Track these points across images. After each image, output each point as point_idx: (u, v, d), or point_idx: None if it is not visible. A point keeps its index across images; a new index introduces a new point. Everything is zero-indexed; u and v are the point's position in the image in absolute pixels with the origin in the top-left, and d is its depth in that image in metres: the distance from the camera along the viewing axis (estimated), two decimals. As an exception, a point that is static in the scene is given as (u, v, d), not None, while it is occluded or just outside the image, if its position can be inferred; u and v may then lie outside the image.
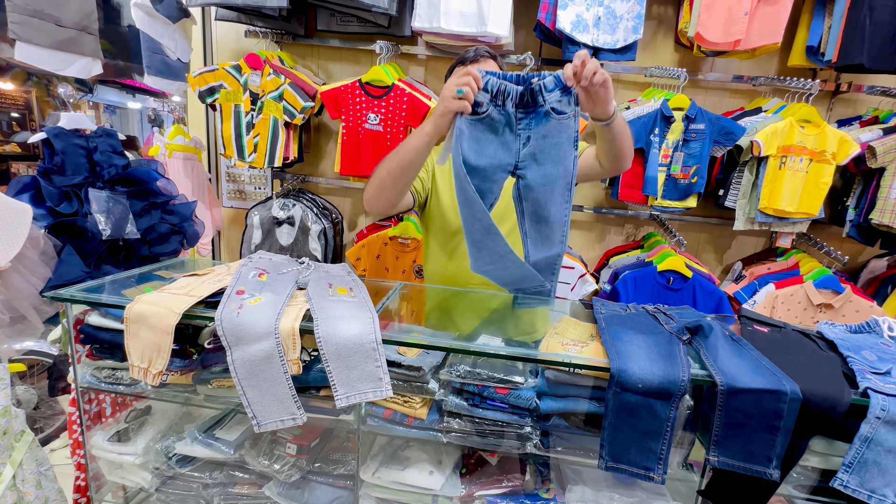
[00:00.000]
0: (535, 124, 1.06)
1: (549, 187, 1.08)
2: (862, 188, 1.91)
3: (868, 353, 0.98)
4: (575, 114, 1.05)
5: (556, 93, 1.03)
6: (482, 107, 1.03)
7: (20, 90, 4.14)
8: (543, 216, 1.11)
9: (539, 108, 1.04)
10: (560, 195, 1.10)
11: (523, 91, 1.03)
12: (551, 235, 1.14)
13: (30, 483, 1.21)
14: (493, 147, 1.07)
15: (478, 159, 1.06)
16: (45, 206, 1.34)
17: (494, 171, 1.09)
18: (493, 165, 1.08)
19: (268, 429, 0.97)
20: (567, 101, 1.03)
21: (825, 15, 1.82)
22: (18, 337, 1.28)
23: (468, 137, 1.05)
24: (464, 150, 1.05)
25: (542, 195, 1.09)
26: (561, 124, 1.05)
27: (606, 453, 0.92)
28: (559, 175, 1.08)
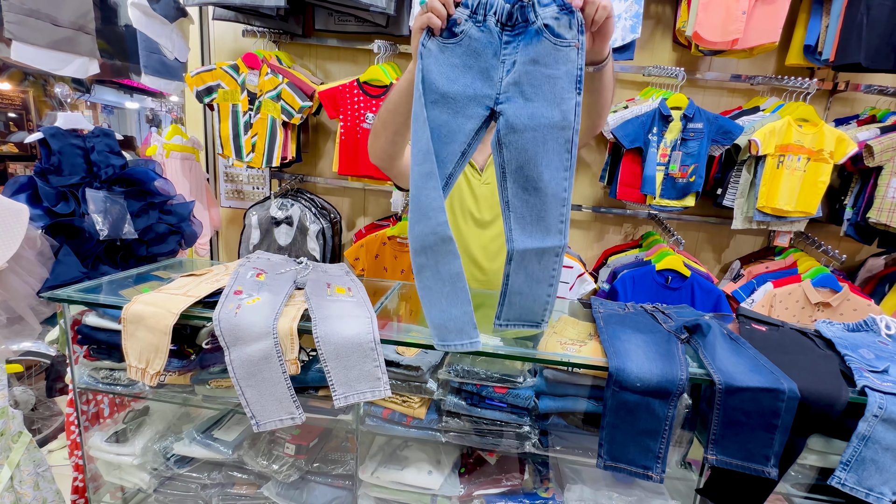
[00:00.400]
0: (524, 45, 0.82)
1: (539, 135, 0.83)
2: (859, 187, 1.91)
3: (866, 352, 0.99)
4: (579, 44, 0.81)
5: (552, 7, 0.81)
6: (459, 25, 0.82)
7: (17, 90, 4.12)
8: (532, 179, 0.84)
9: (530, 26, 0.82)
10: (556, 154, 0.83)
11: (511, 6, 0.82)
12: (545, 215, 0.86)
13: (27, 484, 1.21)
14: (469, 75, 0.84)
15: (448, 85, 0.84)
16: (41, 207, 1.34)
17: (467, 104, 0.85)
18: (467, 96, 0.84)
19: (266, 429, 0.97)
20: (567, 23, 0.81)
21: (822, 14, 1.82)
22: (16, 338, 1.28)
23: (437, 61, 0.84)
24: (429, 71, 0.84)
25: (529, 144, 0.83)
26: (558, 51, 0.81)
27: (605, 452, 0.92)
28: (554, 121, 0.82)
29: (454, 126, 0.85)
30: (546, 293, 0.91)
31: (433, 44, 0.84)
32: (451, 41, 0.83)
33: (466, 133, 0.86)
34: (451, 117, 0.85)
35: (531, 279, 0.90)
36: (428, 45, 0.84)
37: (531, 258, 0.88)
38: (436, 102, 0.84)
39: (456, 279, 0.87)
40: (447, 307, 0.87)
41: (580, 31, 0.81)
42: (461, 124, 0.85)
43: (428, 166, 0.84)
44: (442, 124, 0.85)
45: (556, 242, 0.87)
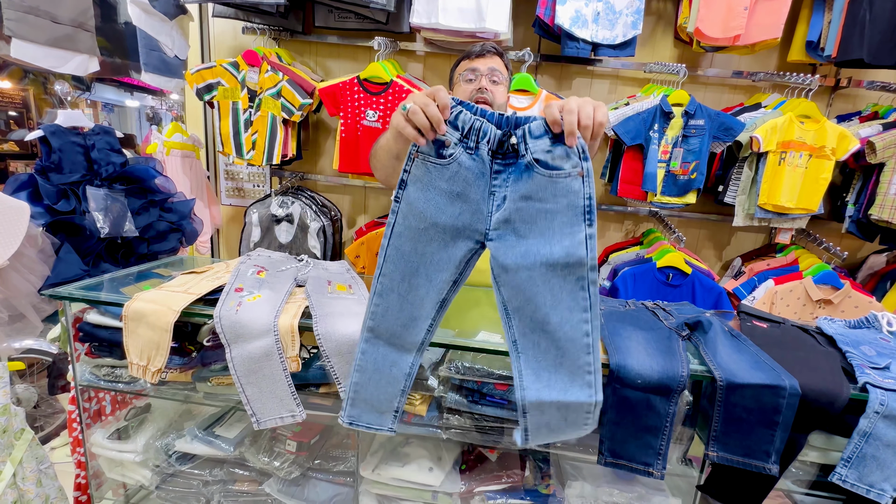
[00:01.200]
0: (514, 179, 0.75)
1: (536, 274, 0.75)
2: (861, 184, 1.91)
3: (867, 349, 0.98)
4: (584, 172, 0.73)
5: (543, 140, 0.73)
6: (447, 148, 0.75)
7: (17, 88, 4.11)
8: (538, 321, 0.76)
9: (520, 159, 0.75)
10: (565, 294, 0.74)
11: (502, 135, 0.75)
12: (563, 361, 0.75)
13: (30, 481, 1.21)
14: (457, 205, 0.77)
15: (436, 215, 0.77)
16: (42, 205, 1.34)
17: (456, 236, 0.78)
18: (455, 228, 0.78)
19: (267, 426, 0.97)
20: (564, 153, 0.73)
21: (825, 10, 1.81)
22: (17, 335, 1.28)
23: (423, 185, 0.77)
24: (416, 199, 0.77)
25: (526, 284, 0.75)
26: (555, 184, 0.73)
27: (606, 449, 0.92)
28: (554, 258, 0.74)
29: (444, 256, 0.79)
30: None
31: (418, 167, 0.77)
32: (438, 162, 0.76)
33: (457, 262, 0.80)
34: (440, 248, 0.79)
35: (555, 434, 0.79)
36: (412, 170, 0.77)
37: (552, 412, 0.77)
38: (425, 230, 0.78)
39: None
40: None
41: (583, 157, 0.73)
42: (451, 254, 0.80)
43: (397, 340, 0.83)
44: (433, 252, 0.79)
45: (584, 398, 0.75)
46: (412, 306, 0.82)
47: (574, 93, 2.15)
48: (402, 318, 0.83)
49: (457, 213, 0.78)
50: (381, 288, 0.82)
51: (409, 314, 0.83)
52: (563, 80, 2.15)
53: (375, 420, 0.89)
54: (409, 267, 0.80)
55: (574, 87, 2.16)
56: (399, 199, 0.79)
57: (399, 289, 0.82)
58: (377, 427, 0.89)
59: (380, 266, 0.82)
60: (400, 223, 0.80)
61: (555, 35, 1.90)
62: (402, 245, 0.80)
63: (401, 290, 0.82)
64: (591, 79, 2.14)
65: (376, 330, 0.85)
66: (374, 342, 0.85)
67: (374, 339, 0.85)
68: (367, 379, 0.87)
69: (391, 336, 0.84)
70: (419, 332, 0.84)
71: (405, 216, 0.79)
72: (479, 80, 1.22)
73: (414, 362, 0.86)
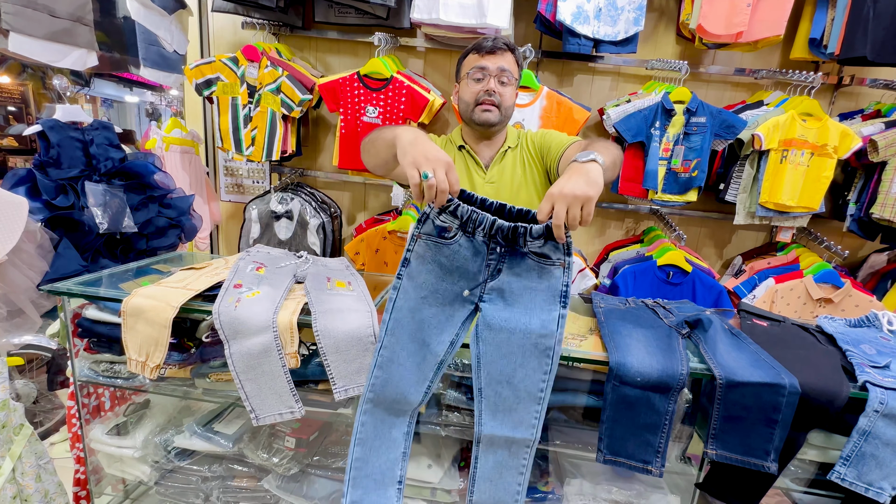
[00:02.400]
0: (510, 259, 0.87)
1: (514, 338, 0.86)
2: (863, 182, 1.90)
3: (867, 347, 0.98)
4: (565, 264, 0.86)
5: (539, 241, 0.85)
6: (449, 232, 0.86)
7: (16, 83, 4.09)
8: (505, 374, 0.87)
9: (518, 247, 0.86)
10: (532, 357, 0.86)
11: (507, 230, 0.84)
12: (517, 407, 0.88)
13: (29, 476, 1.22)
14: (456, 274, 0.88)
15: (437, 283, 0.88)
16: (41, 200, 1.33)
17: (455, 299, 0.89)
18: (454, 293, 0.89)
19: (266, 422, 0.97)
20: (553, 247, 0.85)
21: (828, 7, 1.80)
22: (16, 331, 1.28)
23: (425, 260, 0.88)
24: (418, 272, 0.88)
25: (504, 343, 0.86)
26: (542, 269, 0.86)
27: (605, 447, 0.92)
28: (531, 328, 0.86)
29: (444, 317, 0.89)
30: (517, 482, 0.91)
31: (421, 246, 0.88)
32: (440, 241, 0.87)
33: (456, 323, 0.90)
34: (441, 310, 0.89)
35: (501, 467, 0.90)
36: (416, 248, 0.89)
37: (500, 445, 0.90)
38: (426, 298, 0.89)
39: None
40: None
41: (566, 252, 0.86)
42: (451, 314, 0.89)
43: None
44: (433, 315, 0.89)
45: (528, 435, 0.89)
46: (411, 373, 0.90)
47: (575, 90, 2.14)
48: (402, 386, 0.90)
49: (456, 279, 0.89)
50: (381, 360, 0.90)
51: (409, 380, 0.90)
52: (565, 77, 2.14)
53: (380, 500, 0.92)
54: (408, 334, 0.89)
55: (575, 84, 2.15)
56: (401, 276, 0.89)
57: (399, 357, 0.89)
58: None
59: (381, 339, 0.90)
60: (401, 297, 0.89)
61: (556, 31, 1.89)
62: (402, 317, 0.89)
63: (400, 358, 0.89)
64: (592, 75, 2.13)
65: (376, 401, 0.91)
66: (372, 412, 0.91)
67: (372, 410, 0.91)
68: (368, 449, 0.91)
69: (391, 403, 0.91)
70: (418, 395, 0.91)
71: (406, 291, 0.89)
72: (487, 80, 1.19)
73: (411, 422, 0.94)
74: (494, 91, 1.19)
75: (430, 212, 0.87)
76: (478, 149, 1.30)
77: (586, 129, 2.17)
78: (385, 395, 0.90)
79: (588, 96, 2.14)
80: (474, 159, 1.29)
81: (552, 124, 1.92)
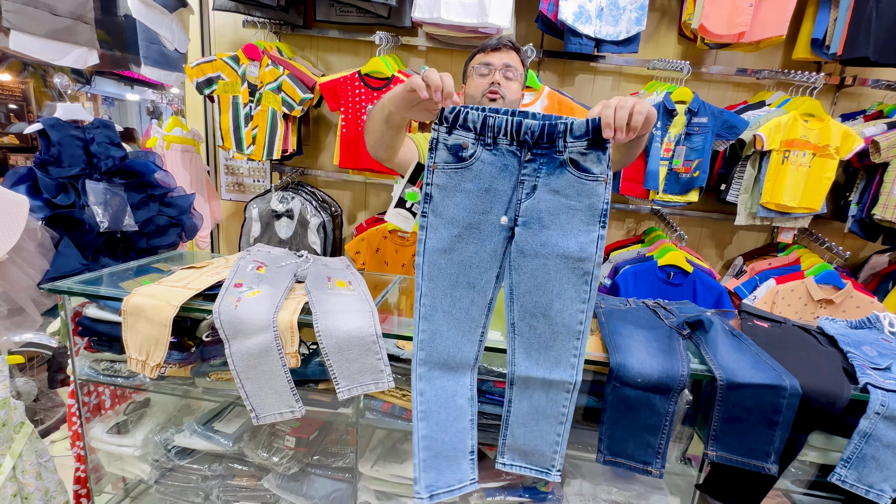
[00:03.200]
0: (547, 173, 0.79)
1: (550, 263, 0.79)
2: (865, 183, 1.90)
3: (868, 349, 0.98)
4: (607, 179, 0.79)
5: (583, 141, 0.76)
6: (466, 150, 0.77)
7: (17, 81, 4.09)
8: (541, 305, 0.80)
9: (555, 155, 0.78)
10: (570, 285, 0.79)
11: (541, 127, 0.77)
12: (553, 344, 0.81)
13: (30, 474, 1.22)
14: (487, 199, 0.80)
15: (468, 216, 0.80)
16: (41, 198, 1.33)
17: (493, 229, 0.81)
18: (490, 222, 0.81)
19: (266, 422, 0.97)
20: (596, 158, 0.77)
21: (831, 7, 1.80)
22: (17, 329, 1.28)
23: (448, 193, 0.79)
24: (445, 207, 0.79)
25: (540, 270, 0.80)
26: (582, 184, 0.78)
27: (605, 447, 0.92)
28: (569, 251, 0.79)
29: (485, 253, 0.81)
30: (556, 432, 0.84)
31: (440, 177, 0.79)
32: (459, 167, 0.79)
33: (498, 256, 0.82)
34: (480, 245, 0.81)
35: (537, 413, 0.84)
36: (434, 181, 0.80)
37: (536, 388, 0.83)
38: (460, 235, 0.80)
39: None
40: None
41: (609, 165, 0.78)
42: (491, 249, 0.82)
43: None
44: (472, 255, 0.81)
45: (567, 377, 0.82)
46: (459, 321, 0.81)
47: (577, 89, 2.14)
48: (453, 337, 0.82)
49: (487, 207, 0.80)
50: (424, 311, 0.82)
51: (459, 329, 0.82)
52: (566, 77, 2.14)
53: (455, 476, 0.84)
54: (449, 280, 0.81)
55: (577, 84, 2.14)
56: (426, 214, 0.80)
57: (443, 305, 0.81)
58: (458, 487, 0.84)
59: (419, 287, 0.81)
60: (431, 237, 0.80)
61: (558, 31, 1.89)
62: (437, 260, 0.80)
63: (445, 306, 0.81)
64: (593, 75, 2.13)
65: (429, 360, 0.82)
66: (428, 376, 0.83)
67: (428, 373, 0.83)
68: (435, 424, 0.83)
69: (445, 360, 0.83)
70: (472, 344, 0.83)
71: (435, 229, 0.80)
72: (492, 74, 1.20)
73: (472, 382, 0.86)
74: (499, 83, 1.19)
75: (437, 135, 0.77)
76: None
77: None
78: (437, 351, 0.81)
79: (589, 96, 2.13)
80: None
81: (553, 124, 1.91)
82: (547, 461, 0.87)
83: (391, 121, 0.97)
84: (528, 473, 0.88)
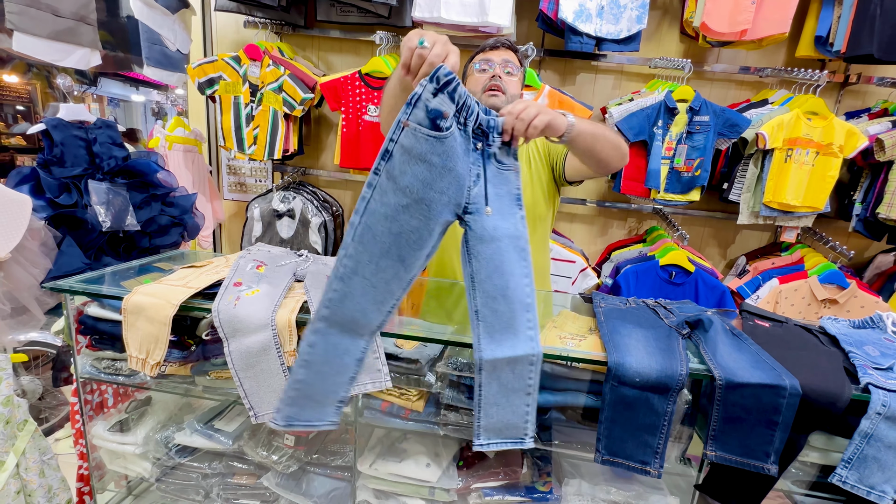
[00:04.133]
0: (485, 163, 0.84)
1: (502, 245, 0.84)
2: (869, 182, 1.88)
3: (871, 349, 0.97)
4: (515, 169, 0.86)
5: (498, 139, 0.84)
6: (445, 120, 0.75)
7: (23, 82, 4.13)
8: (500, 287, 0.84)
9: (487, 147, 0.84)
10: (517, 263, 0.84)
11: (494, 121, 0.83)
12: (513, 322, 0.84)
13: (33, 472, 1.23)
14: (446, 179, 0.79)
15: (423, 190, 0.77)
16: (44, 198, 1.35)
17: (441, 210, 0.80)
18: (441, 203, 0.79)
19: (265, 420, 0.97)
20: (506, 152, 0.86)
21: (834, 4, 1.78)
22: (20, 328, 1.29)
23: (411, 158, 0.76)
24: (402, 173, 0.76)
25: (495, 254, 0.83)
26: (502, 175, 0.86)
27: (603, 447, 0.91)
28: (510, 232, 0.84)
29: (424, 233, 0.80)
30: (525, 403, 0.86)
31: (408, 138, 0.75)
32: (433, 134, 0.76)
33: (436, 235, 0.82)
34: (424, 223, 0.79)
35: (507, 390, 0.86)
36: (401, 140, 0.76)
37: (503, 368, 0.85)
38: (408, 208, 0.77)
39: None
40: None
41: (515, 157, 0.87)
42: (432, 229, 0.81)
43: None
44: (412, 230, 0.79)
45: (529, 350, 0.85)
46: (377, 290, 0.80)
47: (578, 88, 2.13)
48: (364, 303, 0.80)
49: (444, 187, 0.79)
50: (343, 271, 0.79)
51: (373, 298, 0.80)
52: (567, 76, 2.13)
53: (315, 415, 0.84)
54: (380, 248, 0.78)
55: (578, 83, 2.13)
56: (379, 172, 0.77)
57: (365, 271, 0.79)
58: (316, 423, 0.84)
59: (345, 247, 0.78)
60: (377, 199, 0.77)
61: (558, 29, 1.88)
62: (374, 224, 0.78)
63: (366, 272, 0.79)
64: (594, 74, 2.12)
65: (331, 318, 0.80)
66: (325, 332, 0.81)
67: (325, 329, 0.81)
68: (314, 374, 0.82)
69: (347, 323, 0.81)
70: (380, 315, 0.82)
71: (384, 192, 0.77)
72: (492, 69, 1.21)
73: (366, 346, 0.85)
74: (500, 77, 1.20)
75: (422, 91, 0.74)
76: None
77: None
78: (342, 314, 0.80)
79: (590, 95, 2.13)
80: None
81: (554, 123, 1.91)
82: (520, 431, 0.89)
83: (405, 83, 0.92)
84: (505, 447, 0.89)
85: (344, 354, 0.83)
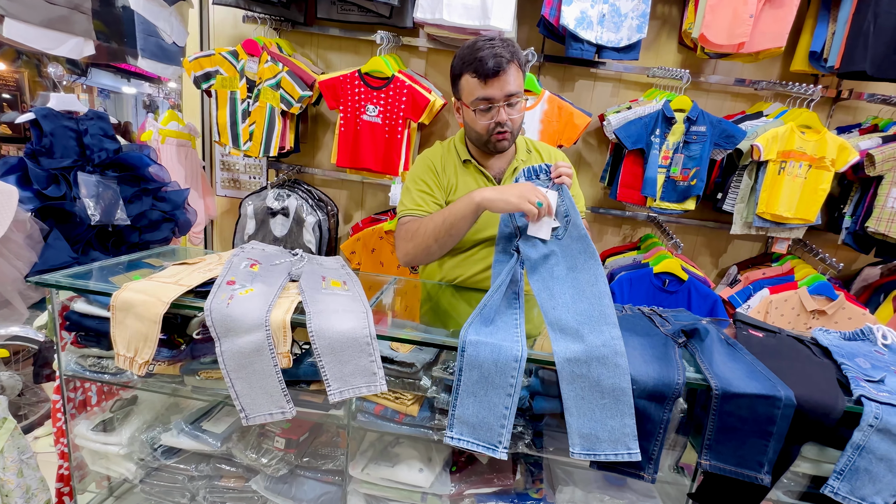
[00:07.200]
0: None
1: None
2: (859, 196, 1.91)
3: (862, 361, 0.98)
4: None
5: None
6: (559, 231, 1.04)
7: (11, 70, 4.03)
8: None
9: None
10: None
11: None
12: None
13: (11, 471, 1.19)
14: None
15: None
16: (32, 189, 1.31)
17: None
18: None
19: (256, 422, 0.95)
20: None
21: (829, 21, 1.81)
22: (2, 322, 1.25)
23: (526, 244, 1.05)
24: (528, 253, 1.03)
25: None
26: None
27: (598, 454, 0.91)
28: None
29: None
30: (504, 405, 0.84)
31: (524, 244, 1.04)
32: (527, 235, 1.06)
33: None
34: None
35: (487, 383, 0.85)
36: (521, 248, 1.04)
37: (486, 356, 0.86)
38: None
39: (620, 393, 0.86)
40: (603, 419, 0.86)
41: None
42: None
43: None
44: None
45: (515, 349, 0.86)
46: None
47: (577, 95, 2.14)
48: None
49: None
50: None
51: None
52: (566, 82, 2.14)
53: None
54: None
55: (577, 89, 2.15)
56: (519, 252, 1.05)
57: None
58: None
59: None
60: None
61: (559, 35, 1.89)
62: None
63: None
64: (594, 81, 2.14)
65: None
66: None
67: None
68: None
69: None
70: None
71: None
72: (496, 111, 1.12)
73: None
74: (506, 121, 1.13)
75: (522, 226, 1.04)
76: (487, 163, 1.28)
77: (587, 134, 2.17)
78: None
79: (589, 102, 2.14)
80: (483, 174, 1.27)
81: (553, 128, 1.92)
82: (494, 436, 0.86)
83: (456, 229, 1.12)
84: (475, 449, 0.87)
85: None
